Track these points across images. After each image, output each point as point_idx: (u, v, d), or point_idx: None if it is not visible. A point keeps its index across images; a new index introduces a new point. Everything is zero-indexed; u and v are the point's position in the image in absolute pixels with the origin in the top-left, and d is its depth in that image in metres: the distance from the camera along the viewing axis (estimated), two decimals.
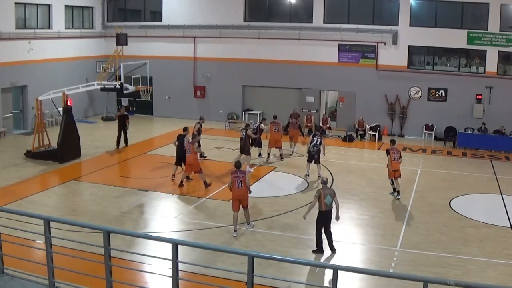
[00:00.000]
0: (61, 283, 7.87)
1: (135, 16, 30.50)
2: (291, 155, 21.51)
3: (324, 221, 11.91)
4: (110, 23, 29.55)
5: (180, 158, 17.39)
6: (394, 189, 16.37)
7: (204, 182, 16.77)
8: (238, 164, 13.35)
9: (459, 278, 10.51)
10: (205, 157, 20.17)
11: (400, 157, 16.42)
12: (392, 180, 16.43)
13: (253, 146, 20.22)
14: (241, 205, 13.06)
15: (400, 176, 16.29)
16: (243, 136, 19.10)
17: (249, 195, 13.26)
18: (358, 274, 10.77)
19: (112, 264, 7.37)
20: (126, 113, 22.78)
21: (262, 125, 20.52)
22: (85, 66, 27.83)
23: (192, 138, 17.63)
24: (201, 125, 19.80)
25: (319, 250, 12.01)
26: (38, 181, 17.66)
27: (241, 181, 12.89)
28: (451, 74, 24.97)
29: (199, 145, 18.65)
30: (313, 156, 17.95)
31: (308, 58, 26.67)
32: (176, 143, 17.57)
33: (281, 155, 20.57)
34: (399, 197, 16.12)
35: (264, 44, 27.32)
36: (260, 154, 20.76)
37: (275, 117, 21.67)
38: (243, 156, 19.05)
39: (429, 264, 11.59)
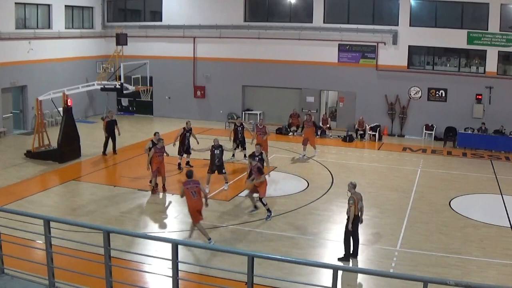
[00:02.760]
0: (61, 283, 7.87)
1: (135, 16, 30.51)
2: (306, 157, 20.93)
3: (356, 225, 11.69)
4: (110, 23, 29.55)
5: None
6: (255, 206, 14.56)
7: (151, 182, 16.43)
8: (189, 174, 12.44)
9: (459, 278, 10.51)
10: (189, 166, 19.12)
11: (265, 163, 15.11)
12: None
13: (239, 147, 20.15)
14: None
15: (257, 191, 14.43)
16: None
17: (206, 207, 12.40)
18: (358, 274, 10.80)
19: (112, 264, 7.37)
20: (115, 118, 21.42)
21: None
22: (85, 66, 27.83)
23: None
24: (184, 130, 18.77)
25: (347, 257, 11.67)
26: (38, 181, 17.65)
27: (195, 191, 12.11)
28: (451, 74, 24.97)
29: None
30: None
31: (308, 58, 26.67)
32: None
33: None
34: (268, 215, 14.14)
35: (264, 44, 27.32)
36: (245, 156, 20.24)
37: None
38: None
39: (429, 264, 11.59)
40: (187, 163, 19.16)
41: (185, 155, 19.06)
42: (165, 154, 16.64)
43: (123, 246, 11.94)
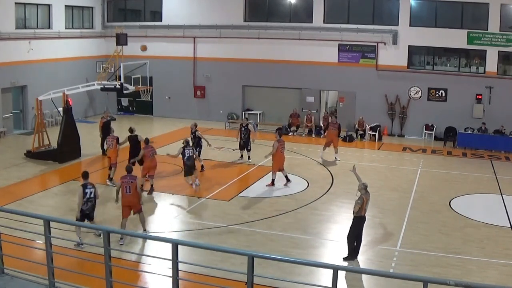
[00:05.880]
0: (61, 283, 7.88)
1: (135, 16, 30.50)
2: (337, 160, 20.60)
3: (361, 226, 11.66)
4: (110, 23, 29.54)
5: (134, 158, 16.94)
6: None
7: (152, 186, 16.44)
8: (129, 169, 12.81)
9: (459, 278, 10.51)
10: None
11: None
12: None
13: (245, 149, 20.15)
14: (132, 211, 12.52)
15: None
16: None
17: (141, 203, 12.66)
18: (358, 274, 10.80)
19: (112, 264, 7.37)
20: (110, 118, 21.23)
21: (250, 126, 20.26)
22: (85, 66, 27.83)
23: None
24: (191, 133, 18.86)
25: (351, 256, 11.66)
26: (38, 181, 17.65)
27: (129, 186, 12.29)
28: (451, 74, 24.96)
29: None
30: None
31: (308, 58, 26.66)
32: (126, 143, 17.38)
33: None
34: None
35: (264, 44, 27.31)
36: (249, 158, 20.30)
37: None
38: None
39: (429, 264, 11.59)
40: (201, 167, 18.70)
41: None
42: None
43: (123, 246, 11.95)
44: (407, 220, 14.38)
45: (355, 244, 11.73)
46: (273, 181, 17.13)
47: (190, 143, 17.11)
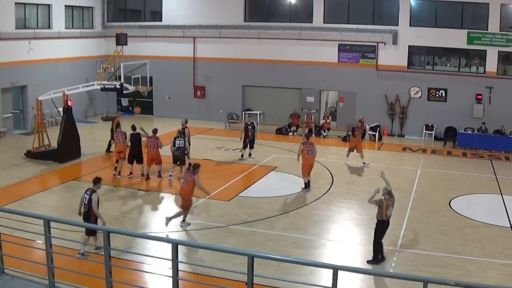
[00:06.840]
0: (61, 283, 7.88)
1: (135, 16, 30.51)
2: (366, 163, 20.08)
3: (385, 230, 11.58)
4: (110, 23, 29.54)
5: (133, 156, 17.66)
6: None
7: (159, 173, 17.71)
8: (192, 166, 13.76)
9: (459, 278, 10.51)
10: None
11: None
12: None
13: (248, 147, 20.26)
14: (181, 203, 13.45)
15: None
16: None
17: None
18: (358, 274, 10.79)
19: (112, 264, 7.37)
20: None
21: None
22: (85, 66, 27.82)
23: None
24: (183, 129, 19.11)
25: (382, 258, 11.58)
26: (38, 181, 17.65)
27: (187, 179, 13.25)
28: (451, 74, 24.97)
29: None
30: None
31: (308, 58, 26.66)
32: (129, 143, 17.69)
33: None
34: None
35: (264, 44, 27.31)
36: (250, 154, 20.49)
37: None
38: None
39: (429, 264, 11.59)
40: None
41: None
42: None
43: (123, 246, 11.94)
44: (407, 220, 14.38)
45: (375, 249, 11.65)
46: (305, 184, 16.82)
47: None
